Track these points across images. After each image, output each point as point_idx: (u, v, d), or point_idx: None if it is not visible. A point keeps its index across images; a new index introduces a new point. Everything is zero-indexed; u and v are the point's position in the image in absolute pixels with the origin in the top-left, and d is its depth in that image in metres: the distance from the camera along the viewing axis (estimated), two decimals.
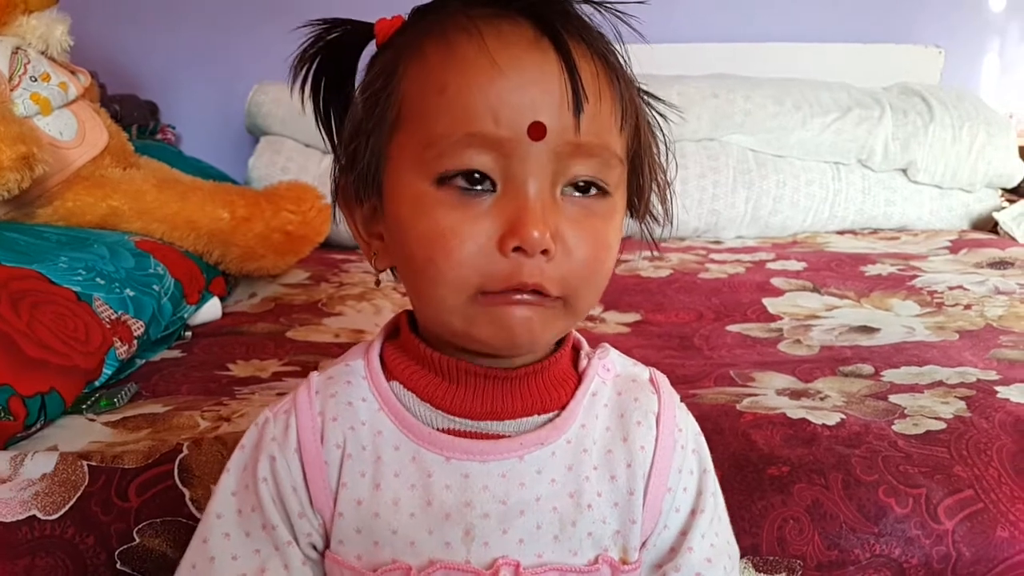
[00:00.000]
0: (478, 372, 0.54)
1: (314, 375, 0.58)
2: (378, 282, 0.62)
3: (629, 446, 0.56)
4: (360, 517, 0.53)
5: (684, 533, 0.58)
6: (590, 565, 0.54)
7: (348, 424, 0.54)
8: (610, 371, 0.59)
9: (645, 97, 0.56)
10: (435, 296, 0.51)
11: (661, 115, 0.57)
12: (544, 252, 0.48)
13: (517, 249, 0.48)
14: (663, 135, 0.57)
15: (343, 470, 0.53)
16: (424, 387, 0.55)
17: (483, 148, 0.48)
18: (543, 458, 0.54)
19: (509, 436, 0.54)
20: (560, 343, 0.58)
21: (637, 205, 0.57)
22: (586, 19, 0.51)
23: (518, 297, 0.49)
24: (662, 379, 0.61)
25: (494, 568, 0.52)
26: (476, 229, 0.49)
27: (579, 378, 0.58)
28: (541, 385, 0.56)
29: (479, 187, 0.49)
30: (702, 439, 0.61)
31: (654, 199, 0.58)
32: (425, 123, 0.49)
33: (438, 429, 0.54)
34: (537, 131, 0.47)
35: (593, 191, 0.51)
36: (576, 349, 0.60)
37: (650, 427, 0.57)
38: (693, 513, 0.58)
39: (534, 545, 0.53)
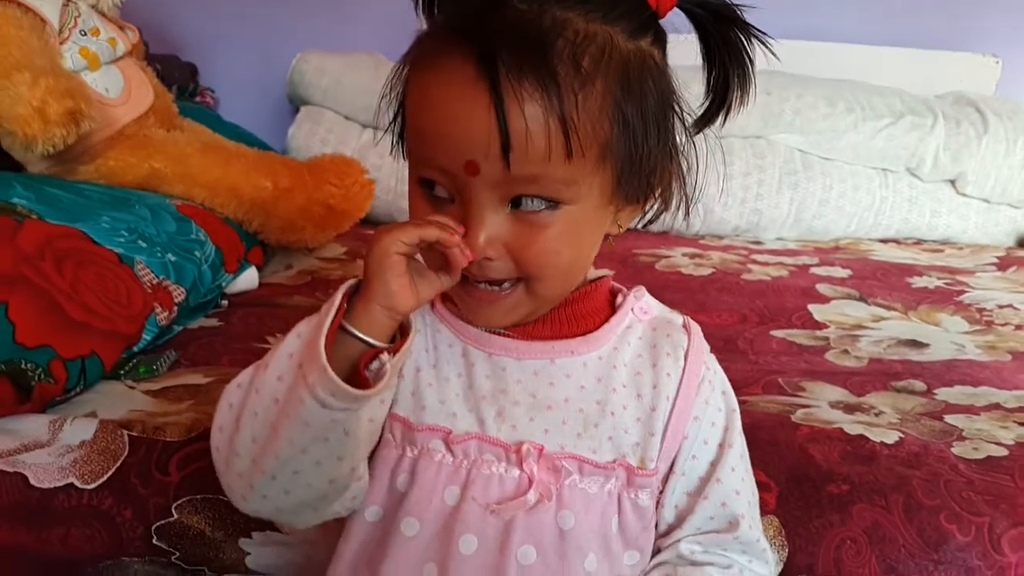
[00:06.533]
0: None
1: None
2: None
3: (657, 371, 0.63)
4: (417, 383, 0.62)
5: (713, 465, 0.64)
6: (608, 464, 0.61)
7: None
8: (647, 313, 0.67)
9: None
10: None
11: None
12: (487, 258, 0.56)
13: None
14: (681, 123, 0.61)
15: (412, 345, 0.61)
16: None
17: (438, 173, 0.56)
18: (573, 366, 0.62)
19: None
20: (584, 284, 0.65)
21: (639, 198, 0.61)
22: (545, 46, 0.52)
23: (480, 285, 0.59)
24: (695, 326, 0.67)
25: (520, 447, 0.59)
26: None
27: (613, 312, 0.66)
28: (569, 315, 0.64)
29: (442, 195, 0.57)
30: (729, 386, 0.68)
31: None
32: (410, 140, 0.59)
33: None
34: (470, 169, 0.54)
35: (544, 205, 0.56)
36: (613, 293, 0.68)
37: (678, 359, 0.64)
38: (721, 447, 0.64)
39: (558, 437, 0.60)
